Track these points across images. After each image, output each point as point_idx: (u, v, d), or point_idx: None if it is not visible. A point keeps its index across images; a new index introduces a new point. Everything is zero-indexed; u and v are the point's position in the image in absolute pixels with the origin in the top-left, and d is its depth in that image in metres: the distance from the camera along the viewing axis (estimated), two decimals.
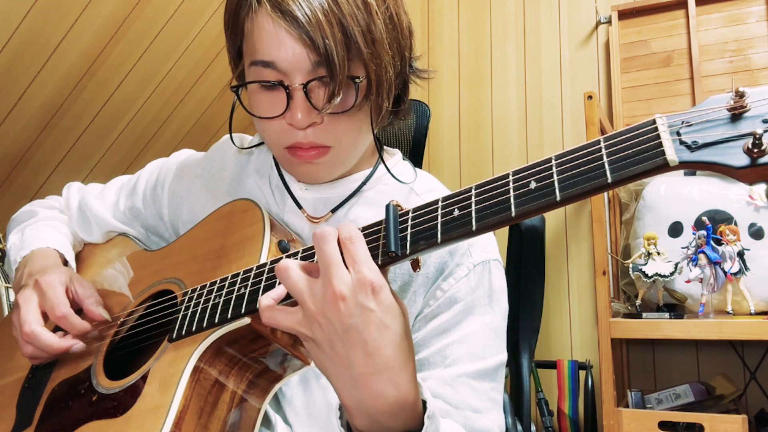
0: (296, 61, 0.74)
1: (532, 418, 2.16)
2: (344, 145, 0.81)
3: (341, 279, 0.59)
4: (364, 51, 0.74)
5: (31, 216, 1.11)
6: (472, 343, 0.82)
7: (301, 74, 0.74)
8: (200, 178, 1.00)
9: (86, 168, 2.29)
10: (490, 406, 0.83)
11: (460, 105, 2.88)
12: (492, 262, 0.87)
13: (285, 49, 0.73)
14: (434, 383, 0.80)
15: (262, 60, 0.75)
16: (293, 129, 0.77)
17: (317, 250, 0.61)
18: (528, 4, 2.82)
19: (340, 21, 0.72)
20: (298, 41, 0.72)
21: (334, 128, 0.78)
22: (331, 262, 0.60)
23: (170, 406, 0.69)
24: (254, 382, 0.76)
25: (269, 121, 0.79)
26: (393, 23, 0.78)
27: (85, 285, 0.91)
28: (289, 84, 0.75)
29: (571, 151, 0.55)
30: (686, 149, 0.49)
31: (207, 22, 2.21)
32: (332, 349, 0.61)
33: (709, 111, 0.50)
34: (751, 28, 2.37)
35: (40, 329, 0.84)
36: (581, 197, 0.53)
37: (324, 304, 0.59)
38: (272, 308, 0.64)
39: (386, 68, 0.77)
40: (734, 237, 1.92)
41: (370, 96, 0.77)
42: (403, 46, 0.81)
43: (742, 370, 2.22)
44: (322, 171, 0.83)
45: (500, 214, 0.56)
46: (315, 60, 0.73)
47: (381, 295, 0.59)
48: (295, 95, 0.75)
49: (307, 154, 0.79)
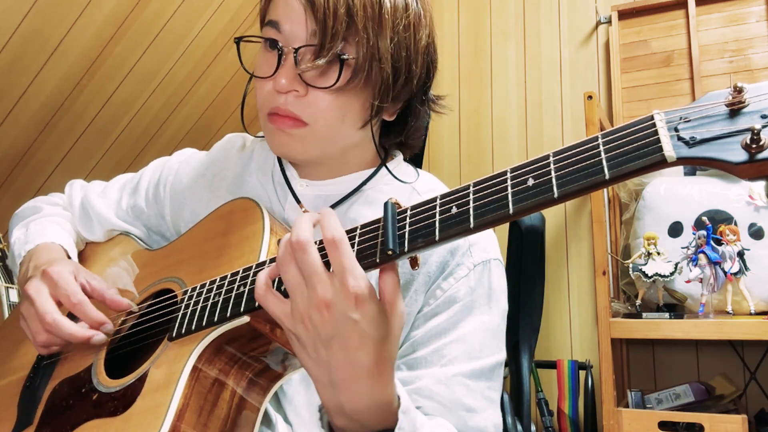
0: (297, 25, 0.77)
1: (532, 418, 2.16)
2: (320, 125, 0.81)
3: (325, 288, 0.60)
4: (361, 35, 0.76)
5: (35, 212, 1.11)
6: (470, 343, 0.82)
7: (298, 40, 0.77)
8: (203, 177, 1.00)
9: (86, 168, 2.29)
10: (486, 405, 0.83)
11: (460, 105, 2.88)
12: (492, 262, 0.87)
13: (290, 11, 0.77)
14: (429, 382, 0.80)
15: (272, 20, 0.79)
16: (277, 94, 0.79)
17: (299, 260, 0.61)
18: (528, 4, 2.82)
19: (348, 4, 0.75)
20: (303, 6, 0.76)
21: (315, 104, 0.79)
22: (314, 271, 0.60)
23: (170, 405, 0.69)
24: (254, 381, 0.76)
25: (262, 82, 0.81)
26: (408, 32, 0.80)
27: (97, 278, 0.91)
28: (284, 46, 0.78)
29: (569, 147, 0.55)
30: (684, 145, 0.49)
31: (207, 22, 2.21)
32: (315, 352, 0.62)
33: (708, 107, 0.50)
34: (751, 28, 2.37)
35: (62, 318, 0.83)
36: (579, 194, 0.53)
37: (310, 308, 0.60)
38: (268, 289, 0.64)
39: (383, 65, 0.78)
40: (734, 237, 1.92)
41: (355, 82, 0.78)
42: (411, 60, 0.82)
43: (742, 370, 2.22)
44: (294, 145, 0.83)
45: (498, 211, 0.56)
46: (312, 29, 0.76)
47: (365, 306, 0.60)
48: (287, 58, 0.78)
49: (282, 122, 0.80)
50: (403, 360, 0.83)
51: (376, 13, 0.76)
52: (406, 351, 0.83)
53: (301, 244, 0.60)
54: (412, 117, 0.89)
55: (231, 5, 2.23)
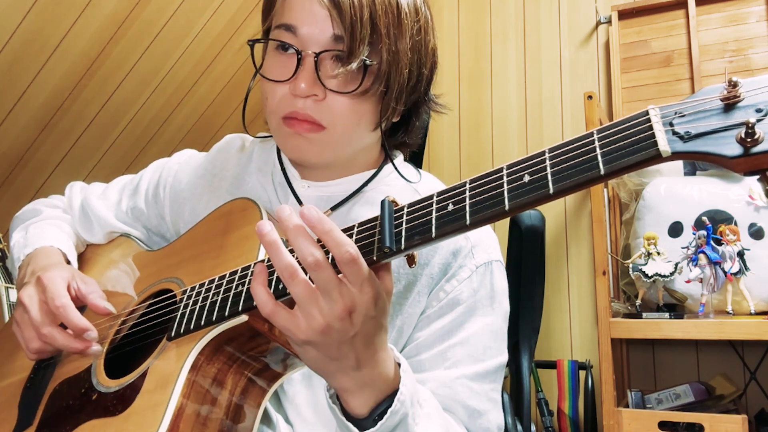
0: (318, 30, 0.76)
1: (532, 418, 2.16)
2: (338, 129, 0.81)
3: (347, 296, 0.61)
4: (384, 40, 0.76)
5: (35, 214, 1.11)
6: (473, 345, 0.83)
7: (317, 44, 0.77)
8: (202, 178, 1.00)
9: (86, 168, 2.30)
10: (489, 407, 0.83)
11: (460, 105, 2.88)
12: (494, 263, 0.88)
13: (312, 15, 0.76)
14: (434, 386, 0.81)
15: (286, 23, 0.78)
16: (294, 98, 0.79)
17: (314, 278, 0.60)
18: (528, 4, 2.82)
19: (371, 5, 0.75)
20: (326, 11, 0.75)
21: (333, 108, 0.79)
22: (333, 285, 0.60)
23: (168, 404, 0.69)
24: (253, 380, 0.76)
25: (274, 86, 0.80)
26: (420, 36, 0.81)
27: (87, 281, 0.91)
28: (302, 50, 0.77)
29: (565, 143, 0.55)
30: (679, 140, 0.49)
31: (207, 22, 2.22)
32: (338, 350, 0.63)
33: (703, 101, 0.50)
34: (751, 28, 2.37)
35: (55, 329, 0.83)
36: (574, 189, 0.53)
37: (331, 318, 0.61)
38: (275, 304, 0.63)
39: (401, 70, 0.79)
40: (734, 237, 1.92)
41: (376, 86, 0.78)
42: (422, 63, 0.83)
43: (742, 370, 2.21)
44: (311, 149, 0.82)
45: (494, 207, 0.56)
46: (335, 34, 0.76)
47: (379, 302, 0.63)
48: (305, 62, 0.77)
49: (300, 126, 0.80)
50: (408, 362, 0.83)
51: (396, 17, 0.77)
52: (410, 353, 0.84)
53: (318, 264, 0.59)
54: (416, 117, 0.90)
55: (231, 5, 2.23)
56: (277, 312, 0.62)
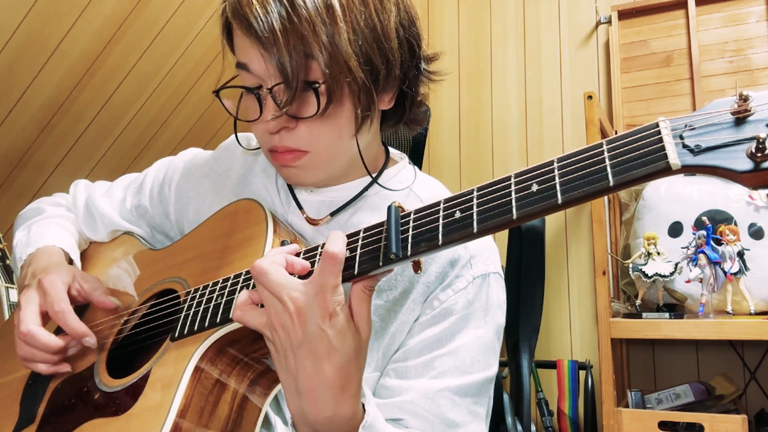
0: (263, 66, 0.74)
1: (532, 418, 2.17)
2: (321, 149, 0.79)
3: (297, 297, 0.63)
4: (321, 58, 0.71)
5: (39, 213, 1.11)
6: (461, 357, 0.81)
7: (269, 78, 0.75)
8: (207, 178, 1.00)
9: (86, 168, 2.29)
10: (469, 420, 0.82)
11: (460, 105, 2.88)
12: (492, 276, 0.86)
13: (250, 55, 0.75)
14: (416, 396, 0.80)
15: (240, 61, 0.77)
16: (270, 134, 0.78)
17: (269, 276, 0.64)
18: (528, 4, 2.82)
19: (296, 29, 0.70)
20: (255, 48, 0.73)
21: (309, 133, 0.78)
22: (285, 283, 0.64)
23: (171, 406, 0.69)
24: (255, 383, 0.76)
25: (252, 124, 0.80)
26: (370, 28, 0.75)
27: (89, 279, 0.91)
28: (260, 88, 0.76)
29: (574, 153, 0.55)
30: (689, 153, 0.49)
31: (207, 22, 2.21)
32: (285, 359, 0.65)
33: (713, 114, 0.49)
34: (751, 28, 2.37)
35: (37, 328, 0.84)
36: (583, 200, 0.52)
37: (283, 315, 0.63)
38: (245, 307, 0.67)
39: (353, 74, 0.73)
40: (734, 237, 1.92)
41: (337, 96, 0.75)
42: (385, 50, 0.77)
43: (742, 370, 2.22)
44: (303, 174, 0.82)
45: (502, 216, 0.56)
46: (275, 65, 0.72)
47: (335, 319, 0.62)
48: (266, 99, 0.76)
49: (283, 157, 0.80)
50: (394, 367, 0.83)
51: (326, 19, 0.71)
52: (398, 358, 0.83)
53: (260, 268, 0.64)
54: (407, 99, 0.87)
55: None
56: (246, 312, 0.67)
